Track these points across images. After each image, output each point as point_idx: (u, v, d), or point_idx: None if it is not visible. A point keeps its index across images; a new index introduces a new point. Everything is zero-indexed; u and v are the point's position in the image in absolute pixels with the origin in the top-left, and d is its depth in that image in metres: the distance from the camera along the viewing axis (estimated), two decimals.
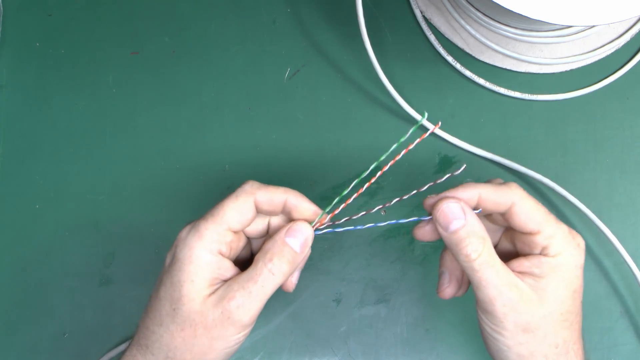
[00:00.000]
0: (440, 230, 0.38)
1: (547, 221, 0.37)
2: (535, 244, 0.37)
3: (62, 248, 0.53)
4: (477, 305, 0.38)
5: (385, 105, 0.53)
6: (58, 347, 0.52)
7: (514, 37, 0.51)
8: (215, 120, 0.54)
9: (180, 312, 0.36)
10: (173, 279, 0.37)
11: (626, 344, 0.51)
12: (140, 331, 0.38)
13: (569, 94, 0.53)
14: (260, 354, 0.52)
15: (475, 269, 0.36)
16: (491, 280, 0.36)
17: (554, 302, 0.36)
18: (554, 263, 0.37)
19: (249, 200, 0.38)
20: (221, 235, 0.37)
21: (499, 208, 0.38)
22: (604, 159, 0.53)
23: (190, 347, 0.37)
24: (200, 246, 0.36)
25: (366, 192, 0.53)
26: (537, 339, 0.36)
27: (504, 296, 0.36)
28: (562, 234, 0.37)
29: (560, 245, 0.37)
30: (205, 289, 0.36)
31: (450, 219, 0.37)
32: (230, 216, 0.37)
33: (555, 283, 0.37)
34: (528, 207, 0.37)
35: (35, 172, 0.53)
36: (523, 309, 0.36)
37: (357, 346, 0.52)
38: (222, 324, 0.36)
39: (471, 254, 0.36)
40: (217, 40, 0.54)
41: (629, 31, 0.53)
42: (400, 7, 0.54)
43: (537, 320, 0.36)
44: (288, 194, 0.39)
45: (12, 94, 0.54)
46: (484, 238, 0.37)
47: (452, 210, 0.37)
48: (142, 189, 0.53)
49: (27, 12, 0.55)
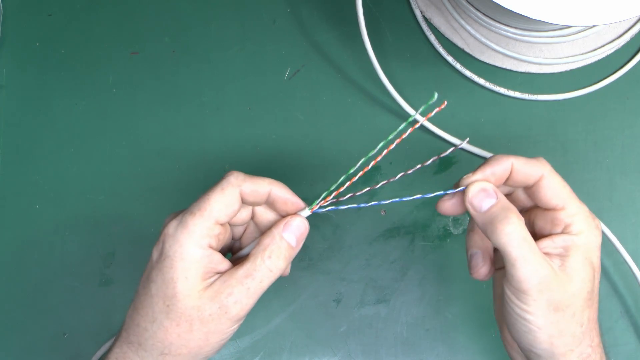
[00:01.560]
0: (473, 212, 0.38)
1: (571, 199, 0.38)
2: (559, 220, 0.38)
3: (62, 248, 0.53)
4: (507, 285, 0.37)
5: (385, 105, 0.53)
6: (58, 347, 0.52)
7: (514, 37, 0.51)
8: (215, 120, 0.54)
9: (175, 309, 0.36)
10: (165, 276, 0.36)
11: (626, 344, 0.51)
12: (130, 328, 0.38)
13: (569, 94, 0.53)
14: (260, 354, 0.52)
15: (513, 246, 0.35)
16: (528, 257, 0.35)
17: (581, 281, 0.37)
18: (577, 241, 0.37)
19: (234, 192, 0.38)
20: (209, 229, 0.37)
21: (528, 180, 0.38)
22: (604, 159, 0.53)
23: (186, 342, 0.37)
24: (190, 242, 0.36)
25: (366, 192, 0.53)
26: (566, 318, 0.36)
27: (539, 273, 0.35)
28: (584, 213, 0.38)
29: (583, 224, 0.37)
30: (199, 284, 0.36)
31: (484, 197, 0.37)
32: (217, 209, 0.37)
33: (581, 262, 0.37)
34: (556, 182, 0.38)
35: (35, 172, 0.53)
36: (556, 287, 0.36)
37: (357, 346, 0.52)
38: (219, 319, 0.36)
39: (508, 229, 0.36)
40: (217, 41, 0.54)
41: (629, 31, 0.53)
42: (400, 7, 0.54)
43: (567, 298, 0.36)
44: (273, 185, 0.39)
45: (12, 94, 0.54)
46: (518, 214, 0.37)
47: (485, 189, 0.38)
48: (142, 189, 0.53)
49: (27, 12, 0.55)
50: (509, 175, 0.38)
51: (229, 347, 0.52)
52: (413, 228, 0.52)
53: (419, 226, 0.52)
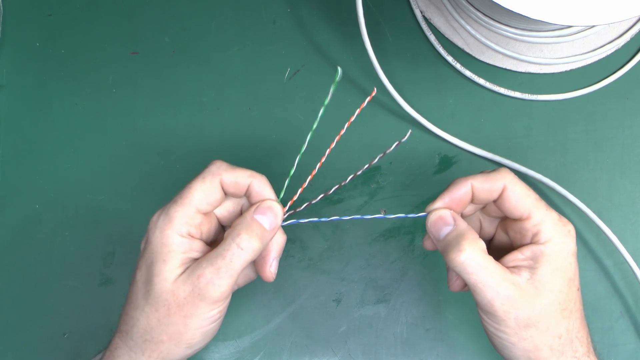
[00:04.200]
0: (434, 240, 0.39)
1: (537, 207, 0.37)
2: (526, 230, 0.37)
3: (62, 248, 0.53)
4: (477, 307, 0.38)
5: (385, 105, 0.53)
6: (58, 347, 0.52)
7: (514, 37, 0.51)
8: (215, 120, 0.54)
9: (154, 293, 0.37)
10: (147, 261, 0.37)
11: (626, 344, 0.51)
12: (121, 318, 0.39)
13: (569, 94, 0.53)
14: (260, 354, 0.52)
15: (468, 272, 0.36)
16: (486, 281, 0.36)
17: (550, 292, 0.36)
18: (545, 251, 0.36)
19: (215, 181, 0.38)
20: (190, 218, 0.38)
21: (491, 195, 0.38)
22: (604, 159, 0.53)
23: (165, 327, 0.37)
24: (170, 229, 0.37)
25: (366, 192, 0.53)
26: (540, 332, 0.36)
27: (501, 295, 0.36)
28: (551, 219, 0.37)
29: (550, 232, 0.37)
30: (177, 269, 0.37)
31: (441, 226, 0.38)
32: (197, 198, 0.38)
33: (550, 272, 0.36)
34: (518, 191, 0.37)
35: (35, 172, 0.53)
36: (522, 304, 0.36)
37: (357, 346, 0.52)
38: (192, 301, 0.37)
39: (461, 257, 0.36)
40: (217, 40, 0.54)
41: (629, 31, 0.53)
42: (400, 7, 0.54)
43: (537, 313, 0.36)
44: (253, 177, 0.39)
45: (12, 94, 0.54)
46: (474, 239, 0.37)
47: (442, 217, 0.38)
48: (142, 189, 0.53)
49: (27, 12, 0.55)
50: (471, 196, 0.38)
51: (229, 347, 0.52)
52: (413, 228, 0.52)
53: (419, 226, 0.52)
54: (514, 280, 0.36)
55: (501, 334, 0.37)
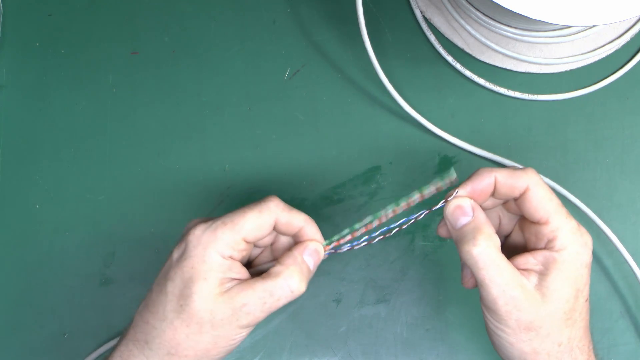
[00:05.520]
0: (450, 228, 0.38)
1: (557, 213, 0.37)
2: (542, 235, 0.37)
3: (62, 248, 0.52)
4: (481, 302, 0.38)
5: (385, 105, 0.53)
6: (58, 347, 0.52)
7: (514, 37, 0.51)
8: (215, 120, 0.54)
9: (188, 309, 0.36)
10: (184, 275, 0.37)
11: (626, 344, 0.51)
12: (138, 325, 0.38)
13: (569, 94, 0.53)
14: (260, 354, 0.52)
15: (478, 267, 0.36)
16: (494, 279, 0.36)
17: (557, 300, 0.36)
18: (558, 258, 0.36)
19: (270, 218, 0.38)
20: (236, 243, 0.37)
21: (513, 192, 0.37)
22: (604, 159, 0.53)
23: (195, 343, 0.37)
24: (214, 248, 0.37)
25: (366, 192, 0.53)
26: (540, 337, 0.36)
27: (506, 295, 0.36)
28: (569, 228, 0.37)
29: (566, 240, 0.36)
30: (216, 288, 0.37)
31: (459, 215, 0.38)
32: (248, 228, 0.38)
33: (560, 281, 0.36)
34: (541, 194, 0.37)
35: (35, 172, 0.53)
36: (526, 307, 0.36)
37: (357, 346, 0.52)
38: (229, 324, 0.37)
39: (475, 251, 0.36)
40: (217, 40, 0.54)
41: (629, 31, 0.53)
42: (400, 7, 0.54)
43: (540, 318, 0.36)
44: (307, 223, 0.39)
45: (12, 94, 0.54)
46: (490, 235, 0.36)
47: (461, 207, 0.38)
48: (142, 189, 0.53)
49: (27, 12, 0.55)
50: (493, 188, 0.38)
51: None
52: (413, 228, 0.52)
53: (419, 226, 0.52)
54: (522, 282, 0.36)
55: (501, 332, 0.37)
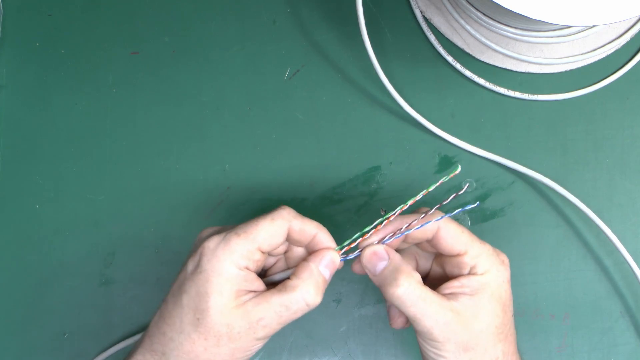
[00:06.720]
0: (370, 275, 0.40)
1: (472, 242, 0.39)
2: (464, 264, 0.39)
3: (62, 248, 0.53)
4: (417, 336, 0.39)
5: (385, 105, 0.53)
6: (58, 347, 0.52)
7: (514, 37, 0.51)
8: (215, 120, 0.54)
9: (205, 322, 0.36)
10: (199, 288, 0.37)
11: (626, 344, 0.51)
12: (154, 336, 0.38)
13: (569, 94, 0.53)
14: (260, 354, 0.52)
15: (406, 305, 0.37)
16: (425, 311, 0.37)
17: (487, 316, 0.38)
18: (483, 280, 0.38)
19: (284, 225, 0.38)
20: (251, 253, 0.37)
21: (426, 235, 0.39)
22: (604, 159, 0.53)
23: (212, 356, 0.37)
24: (229, 260, 0.37)
25: (366, 192, 0.53)
26: (478, 355, 0.38)
27: (440, 322, 0.37)
28: (487, 252, 0.39)
29: (487, 263, 0.39)
30: (232, 301, 0.37)
31: (376, 261, 0.39)
32: (263, 237, 0.38)
33: (486, 298, 0.38)
34: (452, 230, 0.39)
35: (35, 172, 0.53)
36: (460, 329, 0.37)
37: (357, 346, 0.52)
38: (246, 337, 0.37)
39: (399, 291, 0.37)
40: (217, 40, 0.54)
41: (629, 31, 0.53)
42: (400, 7, 0.54)
43: (475, 336, 0.38)
44: (320, 230, 0.39)
45: (12, 94, 0.54)
46: (410, 272, 0.38)
47: (376, 252, 0.39)
48: (142, 189, 0.53)
49: (27, 12, 0.55)
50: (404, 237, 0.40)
51: None
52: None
53: None
54: (452, 306, 0.38)
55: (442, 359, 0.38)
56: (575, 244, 0.52)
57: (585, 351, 0.51)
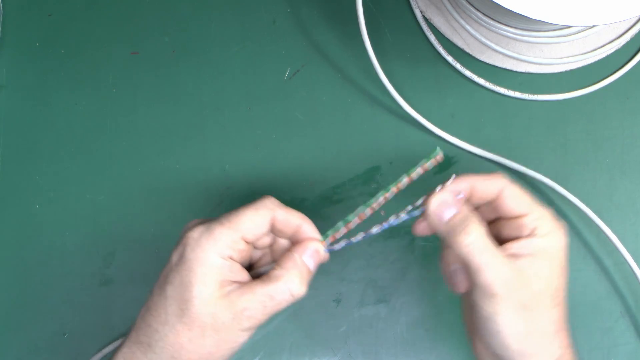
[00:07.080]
0: (436, 224, 0.39)
1: (534, 205, 0.39)
2: (525, 226, 0.39)
3: (62, 248, 0.53)
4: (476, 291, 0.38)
5: (385, 105, 0.53)
6: (58, 347, 0.52)
7: (514, 37, 0.51)
8: (215, 120, 0.54)
9: (189, 313, 0.36)
10: (183, 279, 0.36)
11: (626, 344, 0.51)
12: (141, 328, 0.38)
13: (569, 94, 0.53)
14: (260, 354, 0.52)
15: (474, 254, 0.37)
16: (490, 263, 0.37)
17: (546, 278, 0.38)
18: (543, 242, 0.38)
19: (267, 215, 0.38)
20: (234, 242, 0.37)
21: (489, 195, 0.39)
22: (604, 159, 0.53)
23: (198, 347, 0.37)
24: (213, 249, 0.37)
25: (366, 193, 0.53)
26: (535, 317, 0.37)
27: (503, 276, 0.37)
28: (548, 216, 0.39)
29: (548, 227, 0.38)
30: (217, 292, 0.36)
31: (444, 209, 0.39)
32: (247, 226, 0.37)
33: (547, 261, 0.38)
34: (516, 192, 0.39)
35: (35, 172, 0.53)
36: (521, 286, 0.37)
37: (357, 346, 0.52)
38: (231, 327, 0.37)
39: (468, 239, 0.37)
40: (217, 40, 0.54)
41: (629, 31, 0.53)
42: (400, 7, 0.54)
43: (534, 296, 0.37)
44: (304, 221, 0.39)
45: (12, 94, 0.54)
46: (480, 222, 0.38)
47: (445, 201, 0.39)
48: (142, 188, 0.53)
49: (27, 12, 0.55)
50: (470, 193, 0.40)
51: None
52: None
53: None
54: (514, 265, 0.37)
55: (498, 317, 0.37)
56: (575, 244, 0.52)
57: (585, 351, 0.51)
